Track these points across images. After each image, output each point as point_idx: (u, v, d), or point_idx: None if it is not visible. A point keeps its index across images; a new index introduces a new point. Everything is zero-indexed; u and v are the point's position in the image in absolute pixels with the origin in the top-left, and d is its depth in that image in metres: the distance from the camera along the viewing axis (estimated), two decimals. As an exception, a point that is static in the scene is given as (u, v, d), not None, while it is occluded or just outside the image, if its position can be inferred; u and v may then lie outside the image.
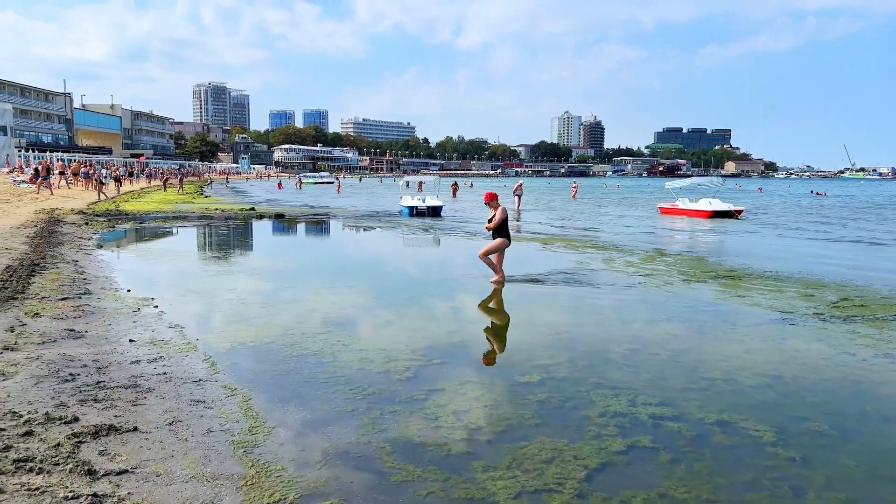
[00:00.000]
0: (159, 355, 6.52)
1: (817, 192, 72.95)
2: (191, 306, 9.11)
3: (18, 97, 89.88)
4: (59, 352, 6.34)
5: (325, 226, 24.27)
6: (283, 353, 6.78)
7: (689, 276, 11.95)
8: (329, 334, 7.52)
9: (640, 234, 21.05)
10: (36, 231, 17.06)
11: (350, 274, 12.37)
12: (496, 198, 10.96)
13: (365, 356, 6.65)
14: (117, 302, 9.06)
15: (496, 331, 7.92)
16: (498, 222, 10.64)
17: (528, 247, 16.67)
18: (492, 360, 6.63)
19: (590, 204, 43.95)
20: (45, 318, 7.74)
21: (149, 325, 7.79)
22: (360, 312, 8.83)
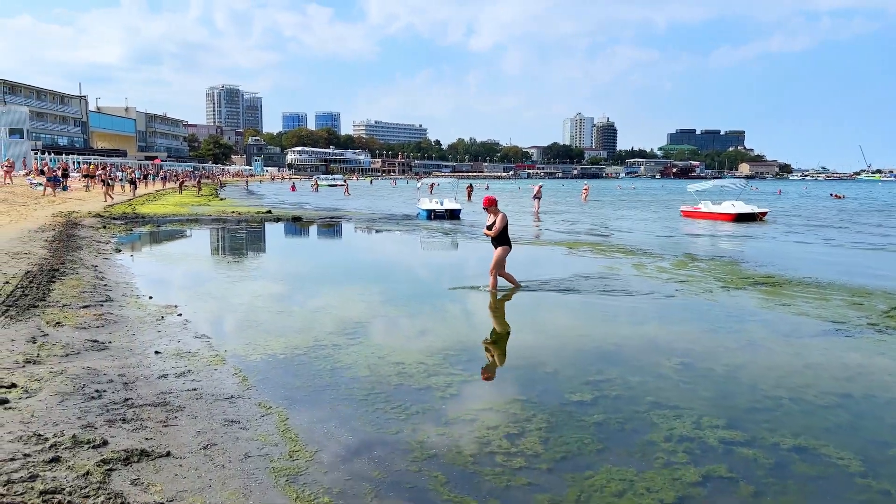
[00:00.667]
0: (187, 369, 6.20)
1: (836, 195, 71.95)
2: (215, 314, 8.81)
3: (35, 100, 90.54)
4: (83, 365, 6.04)
5: (344, 229, 23.97)
6: (316, 365, 6.44)
7: (726, 282, 11.52)
8: (362, 345, 7.18)
9: (665, 238, 20.59)
10: (54, 235, 16.87)
11: (376, 279, 12.04)
12: (495, 203, 10.49)
13: (403, 370, 6.30)
14: (140, 310, 8.77)
15: (538, 343, 7.54)
16: (499, 229, 10.18)
17: (554, 251, 16.28)
18: (538, 375, 6.25)
19: (608, 206, 43.46)
20: (68, 327, 7.45)
21: (174, 336, 7.48)
22: (392, 321, 8.48)
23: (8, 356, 6.12)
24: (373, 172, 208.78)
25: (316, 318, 8.56)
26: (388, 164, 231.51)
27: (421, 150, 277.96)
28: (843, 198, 65.29)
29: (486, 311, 9.25)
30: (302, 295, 10.29)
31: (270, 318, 8.57)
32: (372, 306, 9.37)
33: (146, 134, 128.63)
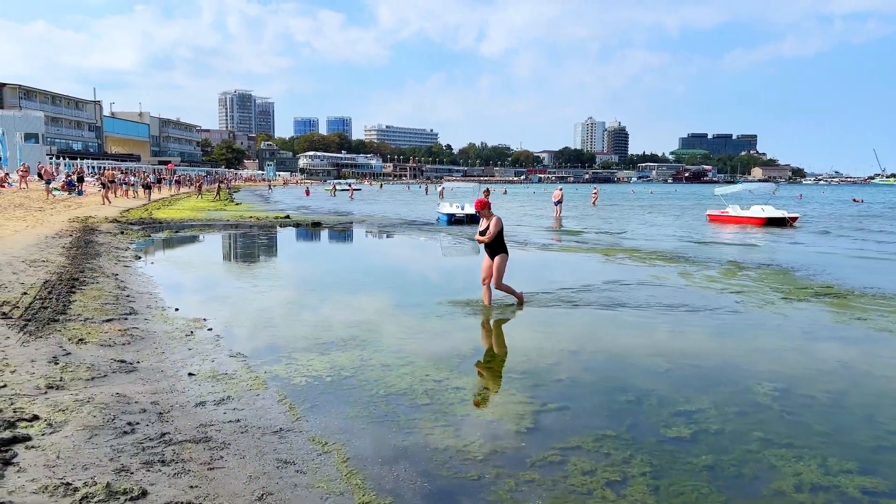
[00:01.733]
0: (226, 395, 5.56)
1: (855, 199, 70.69)
2: (248, 328, 8.17)
3: (50, 105, 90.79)
4: (112, 391, 5.41)
5: (366, 235, 23.35)
6: (369, 391, 5.78)
7: (786, 294, 10.77)
8: (414, 367, 6.51)
9: (699, 244, 19.81)
10: (71, 241, 16.34)
11: (414, 291, 11.37)
12: (489, 206, 9.50)
13: (465, 397, 5.63)
14: (167, 324, 8.15)
15: (604, 366, 6.83)
16: (493, 234, 9.20)
17: (590, 259, 15.57)
18: (618, 404, 5.55)
19: (628, 210, 42.64)
20: (91, 344, 6.84)
21: (206, 354, 6.85)
22: (439, 339, 7.80)
23: (28, 380, 5.50)
24: (384, 177, 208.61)
25: (357, 333, 7.90)
26: (399, 169, 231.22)
27: (432, 154, 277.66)
28: (862, 202, 64.12)
29: (540, 329, 8.55)
30: (337, 306, 9.63)
31: (308, 332, 7.92)
32: (418, 321, 8.70)
33: (160, 139, 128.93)
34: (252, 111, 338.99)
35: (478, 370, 6.51)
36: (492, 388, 5.88)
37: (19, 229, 17.75)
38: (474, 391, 5.78)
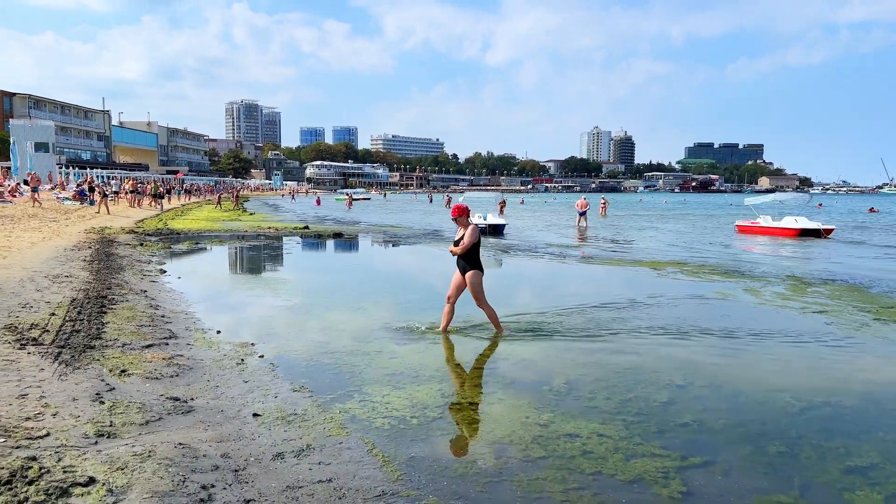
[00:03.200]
0: (304, 443, 4.73)
1: (872, 210, 69.64)
2: (303, 355, 7.34)
3: (59, 115, 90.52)
4: (172, 439, 4.58)
5: (394, 247, 22.53)
6: (466, 437, 4.94)
7: (874, 313, 9.91)
8: (505, 405, 5.67)
9: (743, 257, 18.93)
10: (91, 254, 15.58)
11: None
12: (468, 213, 8.50)
13: (585, 447, 4.78)
14: (212, 350, 7.34)
15: (732, 406, 5.91)
16: (468, 245, 8.13)
17: (639, 273, 14.70)
18: (774, 459, 4.69)
19: (644, 220, 41.76)
20: (136, 377, 6.02)
21: (266, 387, 6.03)
22: (521, 367, 6.95)
23: (74, 426, 4.68)
24: (391, 186, 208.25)
25: (425, 360, 7.06)
26: (406, 178, 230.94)
27: (438, 163, 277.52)
28: (878, 212, 63.13)
29: (621, 355, 7.68)
30: (392, 328, 8.79)
31: (371, 359, 7.09)
32: (481, 342, 7.86)
33: (168, 148, 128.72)
34: (259, 121, 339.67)
35: (581, 409, 5.66)
36: (610, 434, 5.03)
37: (36, 241, 17.00)
38: (592, 439, 4.92)
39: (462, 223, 8.39)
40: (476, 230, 8.25)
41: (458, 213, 8.43)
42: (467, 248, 8.17)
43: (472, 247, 8.19)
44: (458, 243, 8.31)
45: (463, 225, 8.37)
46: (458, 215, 8.43)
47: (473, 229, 8.23)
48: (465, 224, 8.36)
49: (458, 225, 8.46)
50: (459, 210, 8.45)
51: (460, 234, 8.35)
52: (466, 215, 8.44)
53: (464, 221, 8.38)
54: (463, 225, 8.37)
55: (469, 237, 8.16)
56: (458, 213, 8.44)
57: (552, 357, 7.35)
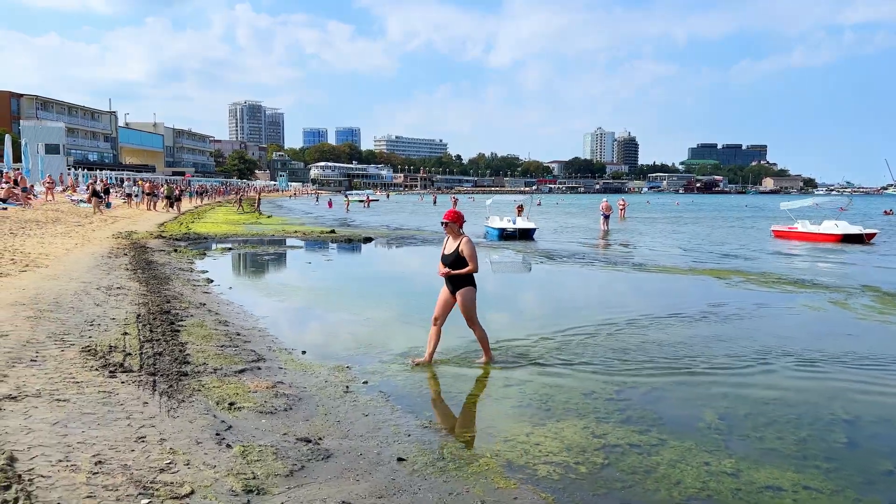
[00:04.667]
0: (476, 497, 4.12)
1: (887, 212, 68.89)
2: (405, 378, 6.72)
3: (66, 116, 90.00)
4: (332, 496, 3.97)
5: (428, 249, 21.90)
6: (650, 491, 4.32)
7: None
8: (672, 445, 5.06)
9: (799, 262, 18.29)
10: (130, 261, 14.99)
11: (574, 317, 9.88)
12: (461, 220, 7.12)
13: (797, 500, 4.16)
14: (309, 374, 6.73)
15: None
16: (473, 269, 6.95)
17: (706, 283, 14.07)
18: None
19: (669, 224, 41.12)
20: (248, 411, 5.42)
21: (390, 422, 5.43)
22: (653, 398, 6.32)
23: (214, 478, 4.07)
24: (395, 187, 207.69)
25: (538, 388, 6.43)
26: (410, 180, 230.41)
27: (442, 164, 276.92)
28: (893, 213, 62.41)
29: (788, 381, 7.06)
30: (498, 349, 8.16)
31: (480, 386, 6.48)
32: (617, 364, 7.24)
33: (174, 149, 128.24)
34: (262, 122, 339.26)
35: (758, 452, 5.04)
36: (815, 485, 4.41)
37: (70, 248, 16.42)
38: (800, 494, 4.30)
39: (453, 232, 7.05)
40: (472, 244, 7.03)
41: (454, 218, 7.05)
42: (473, 271, 6.96)
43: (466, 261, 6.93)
44: (447, 258, 7.01)
45: (454, 234, 7.06)
46: (452, 220, 7.04)
47: (468, 242, 6.98)
48: (457, 233, 7.04)
49: (449, 234, 7.11)
50: (454, 216, 7.08)
51: (451, 245, 7.02)
52: (460, 223, 7.10)
53: (455, 230, 7.04)
54: (454, 234, 7.06)
55: (472, 258, 6.90)
56: (453, 218, 7.05)
57: (679, 388, 6.72)
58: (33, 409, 5.02)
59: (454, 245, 6.98)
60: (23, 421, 4.75)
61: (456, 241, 6.99)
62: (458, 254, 6.91)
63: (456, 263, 6.94)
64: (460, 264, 6.91)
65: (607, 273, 15.75)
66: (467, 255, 6.90)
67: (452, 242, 7.03)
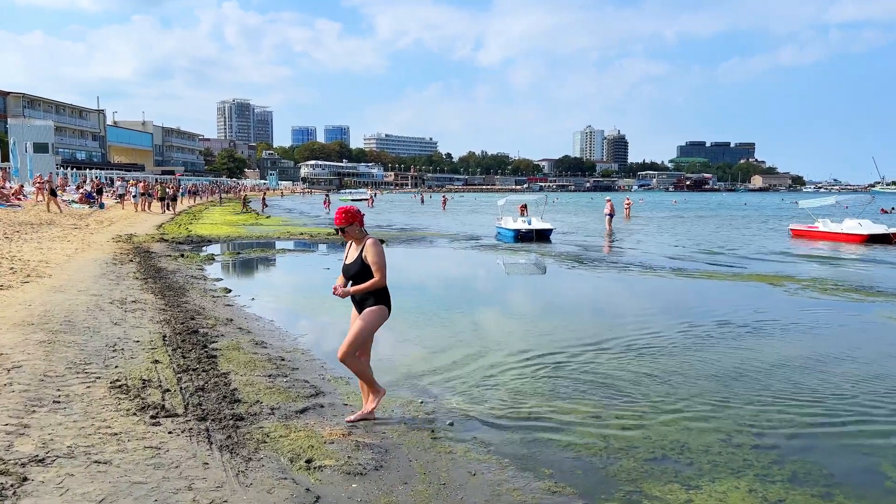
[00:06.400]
0: None
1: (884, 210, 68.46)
2: (497, 417, 5.68)
3: (53, 114, 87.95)
4: None
5: (451, 253, 20.84)
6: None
7: None
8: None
9: (844, 267, 17.41)
10: (137, 269, 13.87)
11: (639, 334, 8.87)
12: (359, 218, 5.39)
13: None
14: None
15: None
16: (379, 282, 5.24)
17: (763, 290, 13.12)
18: None
19: (673, 223, 40.28)
20: (332, 471, 4.38)
21: (504, 482, 4.44)
22: (803, 443, 5.33)
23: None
24: (386, 186, 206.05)
25: (676, 434, 5.43)
26: (400, 178, 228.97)
27: (432, 163, 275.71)
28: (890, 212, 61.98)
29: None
30: (578, 367, 7.15)
31: (610, 437, 5.46)
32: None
33: (163, 148, 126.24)
34: (251, 120, 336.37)
35: None
36: None
37: (70, 253, 15.25)
38: None
39: (353, 235, 5.36)
40: (380, 247, 5.33)
41: (346, 219, 5.29)
42: (377, 285, 5.23)
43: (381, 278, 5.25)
44: (349, 268, 5.31)
45: (356, 238, 5.37)
46: (345, 223, 5.29)
47: (375, 244, 5.28)
48: (359, 237, 5.37)
49: (346, 236, 5.41)
50: (347, 216, 5.29)
51: (353, 253, 5.34)
52: (360, 222, 5.37)
53: (356, 232, 5.35)
54: (356, 238, 5.37)
55: (379, 267, 5.20)
56: (344, 219, 5.29)
57: (824, 428, 5.74)
58: (68, 476, 3.96)
59: (357, 251, 5.31)
60: (59, 498, 3.68)
61: (358, 245, 5.34)
62: (363, 261, 5.23)
63: (362, 274, 5.24)
64: (367, 275, 5.23)
65: (654, 280, 14.72)
66: (372, 263, 5.19)
67: (355, 249, 5.35)
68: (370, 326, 5.29)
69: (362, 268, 5.24)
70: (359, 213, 5.39)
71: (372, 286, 5.22)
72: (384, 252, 5.33)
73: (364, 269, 5.23)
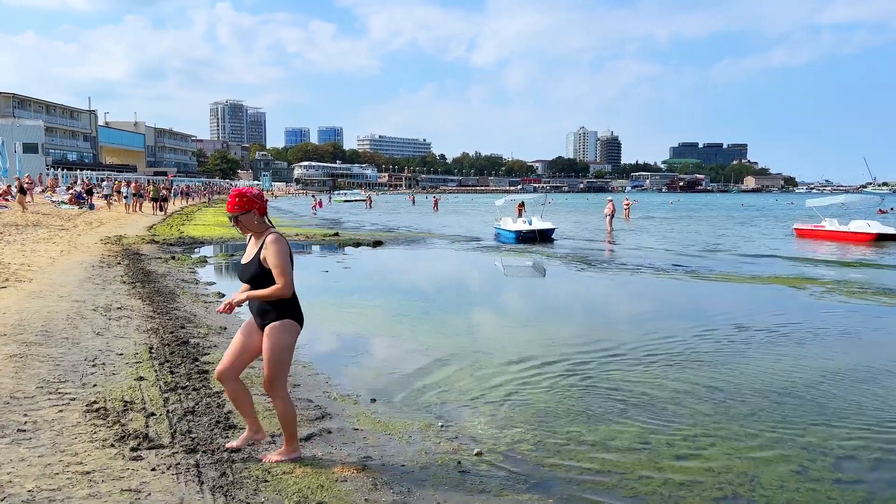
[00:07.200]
0: None
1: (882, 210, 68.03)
2: (533, 449, 4.97)
3: (44, 114, 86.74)
4: None
5: (457, 256, 20.12)
6: None
7: None
8: None
9: (862, 269, 16.79)
10: (125, 272, 13.09)
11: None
12: (257, 204, 4.15)
13: None
14: (396, 439, 5.00)
15: None
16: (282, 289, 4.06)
17: (784, 292, 12.47)
18: None
19: (671, 223, 39.67)
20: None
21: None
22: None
23: None
24: (380, 187, 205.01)
25: (740, 464, 4.73)
26: (394, 179, 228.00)
27: (426, 164, 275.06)
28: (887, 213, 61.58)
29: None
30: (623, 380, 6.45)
31: (658, 460, 4.76)
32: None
33: (155, 149, 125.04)
34: (244, 121, 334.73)
35: None
36: None
37: (55, 256, 14.46)
38: None
39: (251, 227, 4.16)
40: (283, 243, 4.10)
41: (240, 204, 4.08)
42: (280, 294, 4.05)
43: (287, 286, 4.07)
44: (246, 270, 4.15)
45: (255, 230, 4.18)
46: (238, 210, 4.09)
47: (279, 244, 4.07)
48: (258, 229, 4.17)
49: (245, 230, 4.19)
50: (242, 200, 4.09)
51: (252, 250, 4.19)
52: (260, 210, 4.14)
53: (253, 223, 4.15)
54: (255, 230, 4.18)
55: (281, 271, 4.03)
56: (238, 204, 4.08)
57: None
58: (26, 533, 3.22)
59: (255, 248, 4.15)
60: (10, 565, 2.95)
61: (258, 239, 4.16)
62: (261, 263, 4.06)
63: (260, 279, 4.08)
64: (266, 280, 4.07)
65: (670, 283, 14.04)
66: (272, 266, 4.03)
67: (253, 245, 4.20)
68: (283, 346, 4.10)
69: (260, 271, 4.07)
70: (259, 199, 4.14)
71: (272, 295, 4.04)
72: (289, 250, 4.12)
73: (263, 273, 4.06)
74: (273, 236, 4.10)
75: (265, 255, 4.06)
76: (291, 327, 4.16)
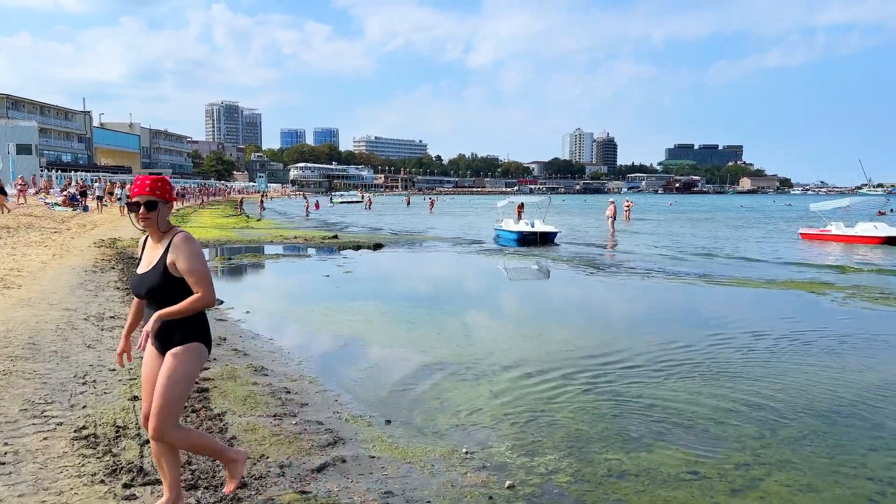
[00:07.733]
0: None
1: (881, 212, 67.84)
2: (565, 479, 4.50)
3: (38, 115, 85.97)
4: None
5: (460, 259, 19.64)
6: None
7: None
8: None
9: (870, 271, 16.37)
10: (121, 278, 12.58)
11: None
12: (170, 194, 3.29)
13: None
14: (417, 468, 4.53)
15: None
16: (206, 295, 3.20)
17: (804, 298, 12.04)
18: None
19: (672, 224, 39.27)
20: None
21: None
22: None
23: None
24: (376, 188, 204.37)
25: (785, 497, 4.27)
26: (390, 180, 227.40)
27: (422, 165, 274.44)
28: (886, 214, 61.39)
29: None
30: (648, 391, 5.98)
31: (711, 489, 4.29)
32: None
33: (150, 150, 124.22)
34: (239, 122, 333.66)
35: None
36: None
37: (46, 260, 13.94)
38: None
39: (161, 222, 3.28)
40: (193, 243, 3.27)
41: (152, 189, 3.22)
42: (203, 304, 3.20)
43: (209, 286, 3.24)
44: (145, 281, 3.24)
45: (161, 228, 3.30)
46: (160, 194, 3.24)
47: (189, 245, 3.24)
48: (162, 228, 3.31)
49: (151, 227, 3.26)
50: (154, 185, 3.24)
51: (154, 254, 3.28)
52: (169, 197, 3.30)
53: (165, 217, 3.31)
54: (161, 228, 3.30)
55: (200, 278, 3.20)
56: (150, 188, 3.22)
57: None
58: None
59: (159, 252, 3.27)
60: None
61: (161, 245, 3.28)
62: (168, 270, 3.22)
63: (167, 290, 3.22)
64: (176, 291, 3.22)
65: (684, 287, 13.60)
66: (188, 271, 3.20)
67: (154, 248, 3.31)
68: (188, 376, 3.24)
69: (165, 280, 3.20)
70: (171, 189, 3.34)
71: (192, 308, 3.17)
72: (201, 257, 3.25)
73: (170, 283, 3.21)
74: (184, 235, 3.26)
75: (174, 260, 3.19)
76: (200, 352, 3.29)
